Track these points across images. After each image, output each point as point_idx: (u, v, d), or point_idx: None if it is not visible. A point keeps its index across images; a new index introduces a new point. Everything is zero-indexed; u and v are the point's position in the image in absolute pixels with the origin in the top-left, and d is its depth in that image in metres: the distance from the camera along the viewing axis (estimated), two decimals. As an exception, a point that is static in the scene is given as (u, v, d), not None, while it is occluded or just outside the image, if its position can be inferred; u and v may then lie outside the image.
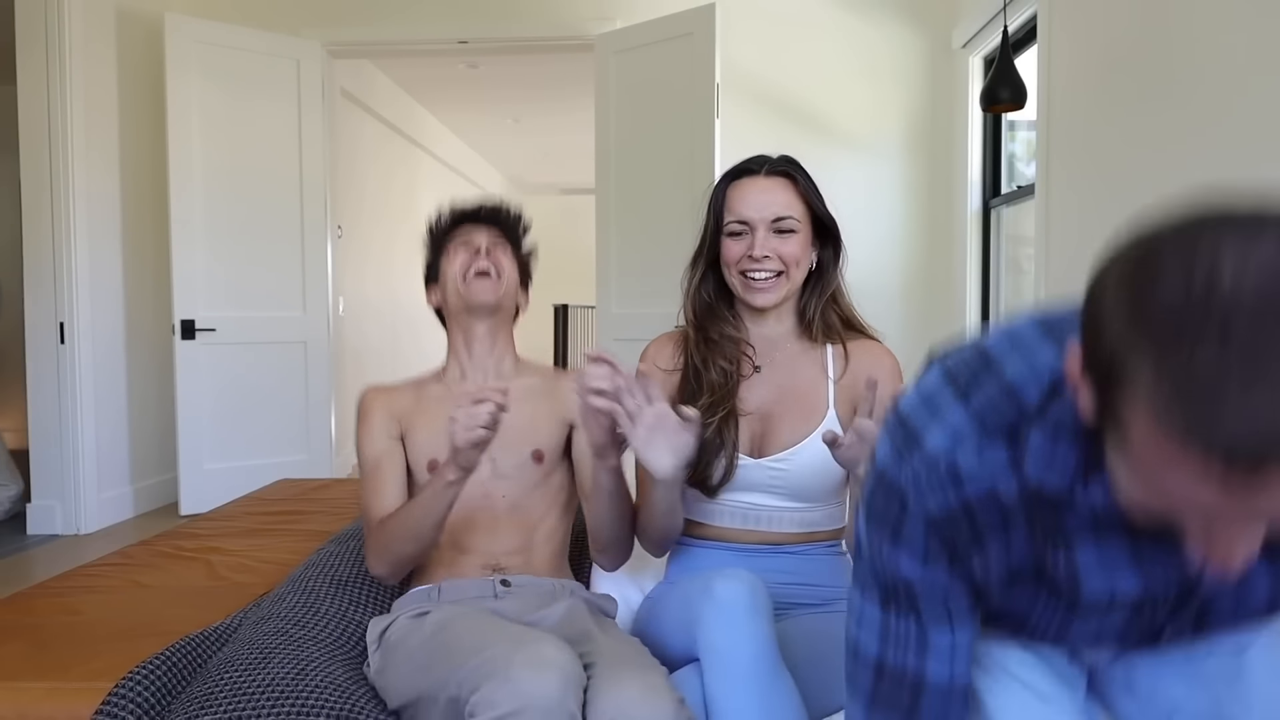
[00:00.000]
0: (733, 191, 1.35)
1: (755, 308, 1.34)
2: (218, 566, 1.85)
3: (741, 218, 1.32)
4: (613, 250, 4.12)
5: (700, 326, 1.37)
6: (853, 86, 4.33)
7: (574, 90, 6.45)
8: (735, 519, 1.32)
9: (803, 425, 1.30)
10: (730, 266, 1.33)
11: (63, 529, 3.69)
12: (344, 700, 1.17)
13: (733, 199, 1.34)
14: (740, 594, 1.03)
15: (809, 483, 1.29)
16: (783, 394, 1.33)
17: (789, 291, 1.33)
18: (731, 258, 1.32)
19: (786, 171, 1.35)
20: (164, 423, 4.13)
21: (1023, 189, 3.79)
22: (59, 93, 3.58)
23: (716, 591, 1.03)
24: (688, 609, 1.09)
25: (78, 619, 1.55)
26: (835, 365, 1.34)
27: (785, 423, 1.31)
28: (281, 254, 4.17)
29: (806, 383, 1.34)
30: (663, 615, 1.22)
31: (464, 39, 4.42)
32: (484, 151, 9.18)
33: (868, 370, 1.30)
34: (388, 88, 6.52)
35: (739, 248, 1.32)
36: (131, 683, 1.21)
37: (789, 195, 1.33)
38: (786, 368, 1.35)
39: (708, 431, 1.28)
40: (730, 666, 0.99)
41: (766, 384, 1.35)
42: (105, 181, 3.83)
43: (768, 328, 1.37)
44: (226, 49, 4.01)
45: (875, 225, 4.34)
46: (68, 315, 3.65)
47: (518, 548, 1.43)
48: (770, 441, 1.31)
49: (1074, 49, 3.12)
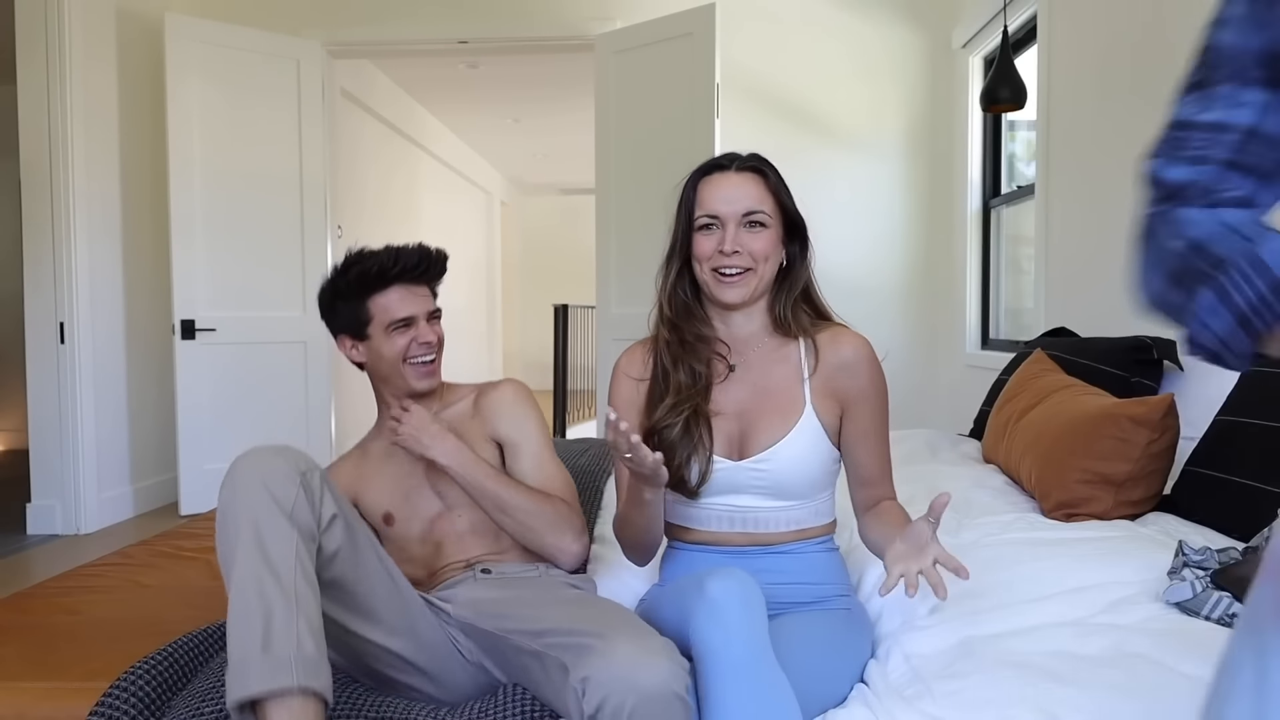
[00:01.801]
0: (704, 187, 1.35)
1: (725, 303, 1.34)
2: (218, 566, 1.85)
3: (712, 212, 1.32)
4: (613, 250, 4.12)
5: (675, 326, 1.37)
6: (853, 86, 4.34)
7: (574, 90, 6.45)
8: (724, 522, 1.33)
9: (780, 424, 1.31)
10: (702, 262, 1.33)
11: (62, 529, 3.69)
12: (341, 689, 1.18)
13: (703, 194, 1.34)
14: (732, 591, 1.03)
15: (792, 480, 1.30)
16: (758, 394, 1.34)
17: (759, 288, 1.33)
18: (703, 253, 1.32)
19: (756, 167, 1.36)
20: (164, 422, 4.13)
21: (1023, 189, 3.79)
22: (59, 93, 3.58)
23: (708, 589, 1.03)
24: (681, 608, 1.09)
25: (77, 619, 1.55)
26: (808, 361, 1.34)
27: (763, 423, 1.32)
28: (281, 254, 4.18)
29: (781, 381, 1.34)
30: (657, 617, 1.22)
31: (464, 39, 4.42)
32: (484, 152, 9.19)
33: (839, 361, 1.32)
34: (388, 88, 6.52)
35: (710, 243, 1.32)
36: (129, 680, 1.21)
37: (760, 190, 1.33)
38: (760, 367, 1.36)
39: (673, 432, 1.29)
40: (722, 664, 0.99)
41: (741, 384, 1.35)
42: (105, 181, 3.83)
43: (738, 326, 1.37)
44: (227, 49, 4.01)
45: (875, 225, 4.34)
46: (68, 315, 3.65)
47: (490, 550, 1.47)
48: (750, 443, 1.32)
49: (1074, 49, 3.12)
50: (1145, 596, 1.26)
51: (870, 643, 1.27)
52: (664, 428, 1.31)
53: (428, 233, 7.79)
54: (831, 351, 1.34)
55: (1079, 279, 3.07)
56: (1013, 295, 4.11)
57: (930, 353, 4.38)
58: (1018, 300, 4.05)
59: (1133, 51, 2.72)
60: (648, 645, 1.01)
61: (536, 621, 1.18)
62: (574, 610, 1.19)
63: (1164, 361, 2.04)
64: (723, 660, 1.00)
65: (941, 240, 4.37)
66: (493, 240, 10.22)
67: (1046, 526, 1.63)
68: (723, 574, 1.06)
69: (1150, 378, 2.04)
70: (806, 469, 1.30)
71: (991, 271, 4.17)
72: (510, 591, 1.37)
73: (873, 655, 1.25)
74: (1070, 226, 3.14)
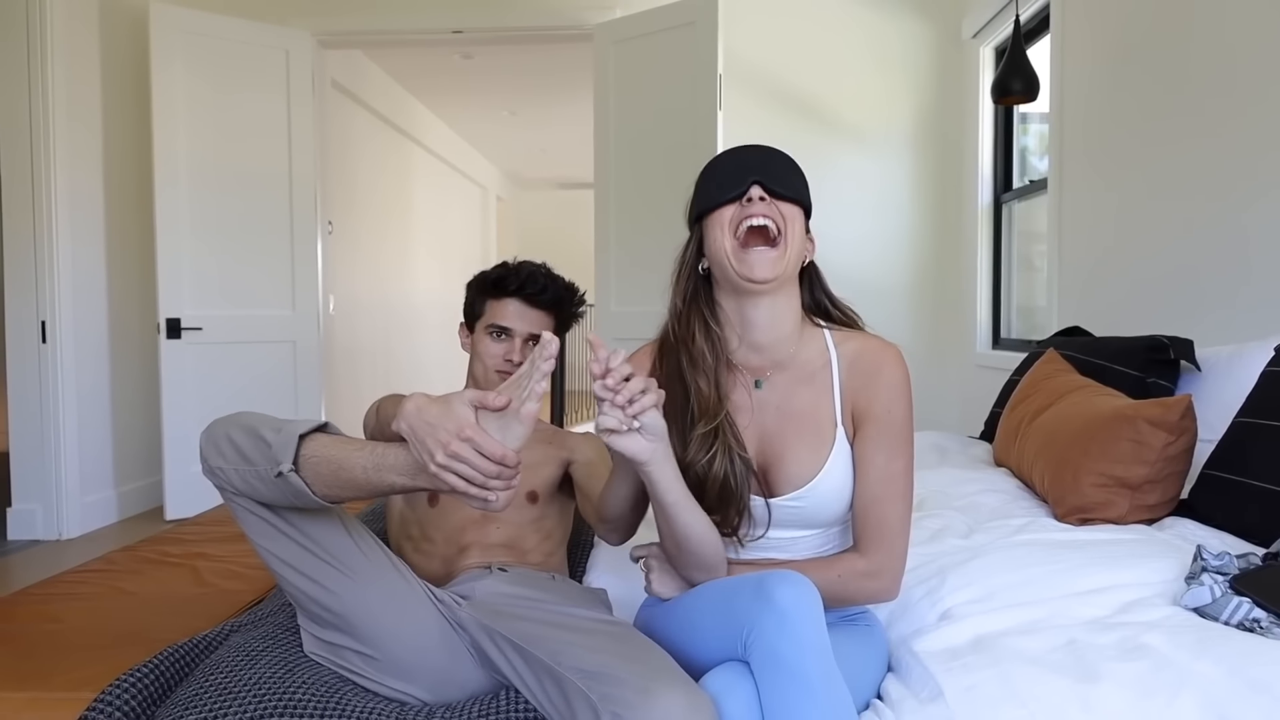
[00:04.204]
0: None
1: (754, 280, 1.22)
2: (205, 573, 1.85)
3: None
4: (612, 247, 4.12)
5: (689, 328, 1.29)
6: (859, 78, 4.34)
7: (572, 82, 6.46)
8: (744, 550, 1.29)
9: (811, 456, 1.23)
10: (724, 229, 1.23)
11: (44, 534, 3.69)
12: (332, 695, 1.18)
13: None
14: (804, 600, 1.00)
15: (828, 513, 1.25)
16: (783, 418, 1.26)
17: (786, 269, 1.24)
18: (727, 217, 1.24)
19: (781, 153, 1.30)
20: (149, 424, 4.13)
21: (1035, 184, 3.79)
22: (40, 84, 3.58)
23: (778, 599, 1.00)
24: (733, 611, 1.06)
25: (60, 627, 1.55)
26: (838, 372, 1.27)
27: (790, 455, 1.24)
28: (270, 251, 4.18)
29: (808, 403, 1.26)
30: (695, 615, 1.17)
31: (458, 28, 4.42)
32: (479, 145, 9.18)
33: (862, 368, 1.25)
34: (379, 79, 6.52)
35: (734, 210, 1.24)
36: (114, 693, 1.21)
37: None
38: (784, 388, 1.28)
39: (713, 467, 1.21)
40: (797, 678, 0.97)
41: (763, 408, 1.28)
42: (88, 175, 3.83)
43: (762, 331, 1.28)
44: (213, 39, 4.01)
45: (883, 221, 4.35)
46: (49, 313, 3.65)
47: (510, 561, 1.54)
48: (777, 476, 1.25)
49: (1088, 38, 3.12)
50: (1162, 600, 1.26)
51: (886, 656, 1.27)
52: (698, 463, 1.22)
53: (421, 230, 7.80)
54: (857, 358, 1.27)
55: (1093, 276, 3.07)
56: (1025, 293, 4.11)
57: (939, 352, 4.38)
58: (1030, 298, 4.05)
59: (1149, 40, 2.72)
60: (693, 702, 0.99)
61: (561, 641, 1.18)
62: (604, 642, 1.18)
63: (1181, 361, 2.04)
64: (797, 674, 0.98)
65: (951, 236, 4.37)
66: (488, 236, 10.21)
67: (1060, 530, 1.63)
68: (789, 580, 1.03)
69: (1167, 378, 2.04)
70: (844, 499, 1.24)
71: (1003, 269, 4.17)
72: (530, 591, 1.40)
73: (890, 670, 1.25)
74: (1084, 222, 3.14)
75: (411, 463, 1.08)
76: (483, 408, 1.06)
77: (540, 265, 1.66)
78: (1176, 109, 2.57)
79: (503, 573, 1.46)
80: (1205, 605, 1.20)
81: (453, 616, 1.31)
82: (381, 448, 1.11)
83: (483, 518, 1.55)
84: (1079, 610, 1.24)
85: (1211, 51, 2.42)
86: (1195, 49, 2.49)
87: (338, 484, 1.11)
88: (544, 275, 1.64)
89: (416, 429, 1.06)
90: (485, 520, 1.55)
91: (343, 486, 1.11)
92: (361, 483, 1.10)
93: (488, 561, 1.51)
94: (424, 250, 7.91)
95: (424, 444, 1.04)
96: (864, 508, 1.22)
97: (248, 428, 1.15)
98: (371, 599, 1.24)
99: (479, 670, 1.29)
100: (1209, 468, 1.73)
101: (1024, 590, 1.31)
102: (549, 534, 1.61)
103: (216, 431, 1.17)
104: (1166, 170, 2.62)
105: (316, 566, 1.22)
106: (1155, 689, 1.00)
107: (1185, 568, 1.34)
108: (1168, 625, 1.16)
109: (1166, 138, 2.63)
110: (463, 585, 1.43)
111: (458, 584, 1.45)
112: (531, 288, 1.61)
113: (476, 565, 1.51)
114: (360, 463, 1.10)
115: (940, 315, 4.41)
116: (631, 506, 1.35)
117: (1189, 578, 1.29)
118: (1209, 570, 1.28)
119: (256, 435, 1.13)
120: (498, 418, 1.06)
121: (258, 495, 1.16)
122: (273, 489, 1.13)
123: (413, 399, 1.09)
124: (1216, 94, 2.39)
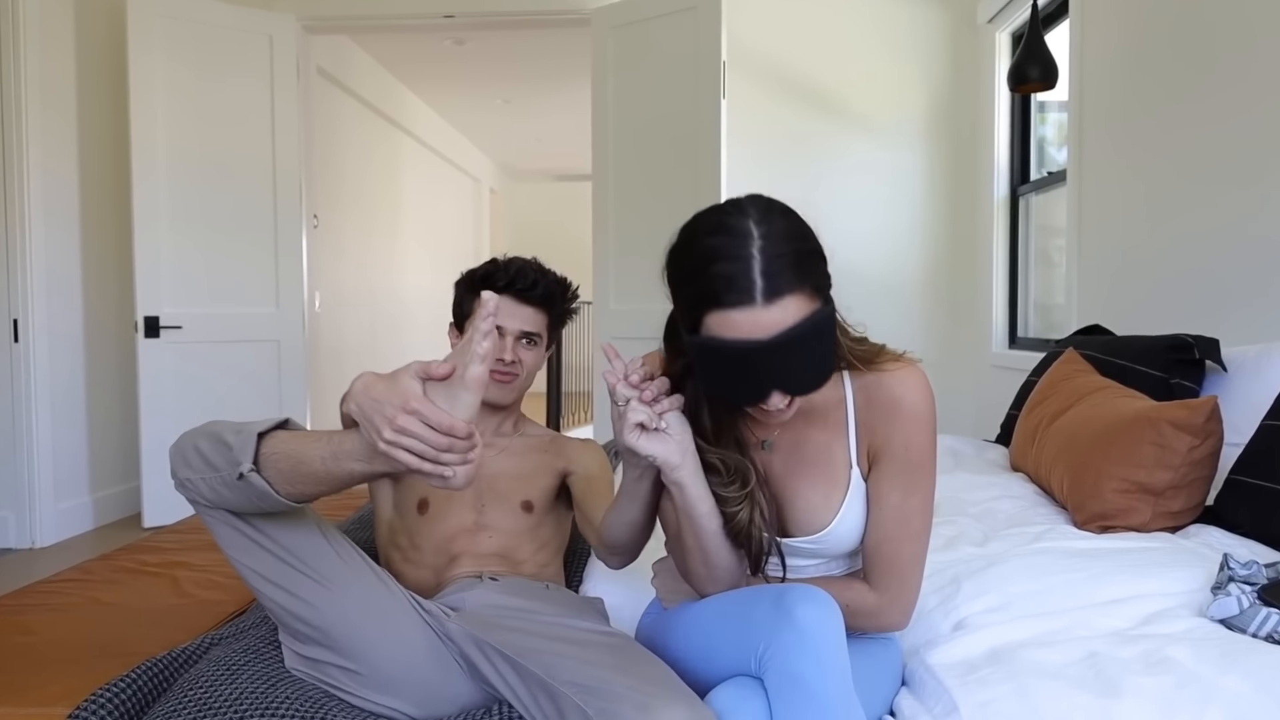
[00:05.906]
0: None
1: None
2: (184, 583, 1.85)
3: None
4: (610, 242, 4.12)
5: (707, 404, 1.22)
6: (870, 65, 4.34)
7: (569, 69, 6.46)
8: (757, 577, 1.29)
9: (824, 502, 1.21)
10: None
11: (16, 542, 3.69)
12: (316, 711, 1.18)
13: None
14: (825, 619, 1.01)
15: (844, 549, 1.25)
16: (795, 461, 1.24)
17: None
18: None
19: (786, 282, 1.03)
20: (126, 427, 4.13)
21: (1053, 175, 3.79)
22: (11, 70, 3.58)
23: (798, 616, 1.00)
24: (748, 624, 1.06)
25: (33, 639, 1.54)
26: (853, 407, 1.21)
27: (801, 503, 1.23)
28: (253, 245, 4.18)
29: (820, 446, 1.23)
30: (705, 625, 1.17)
31: (450, 13, 4.43)
32: (471, 135, 9.19)
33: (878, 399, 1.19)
34: (368, 66, 6.53)
35: None
36: (90, 708, 1.21)
37: (794, 309, 1.05)
38: (792, 429, 1.23)
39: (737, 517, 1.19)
40: (816, 698, 0.98)
41: (772, 451, 1.26)
42: (63, 166, 3.83)
43: None
44: (194, 23, 4.01)
45: (894, 214, 4.35)
46: (22, 311, 3.65)
47: (503, 571, 1.54)
48: (790, 519, 1.24)
49: (1109, 24, 3.12)
50: (1186, 610, 1.26)
51: (900, 671, 1.27)
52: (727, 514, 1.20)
53: (410, 222, 7.80)
54: (875, 393, 1.20)
55: (1114, 272, 3.07)
56: (1042, 290, 4.12)
57: (954, 352, 4.38)
58: (1048, 295, 4.06)
59: (1172, 27, 2.72)
60: (696, 718, 1.00)
61: (556, 654, 1.18)
62: (601, 655, 1.18)
63: (1206, 361, 2.04)
64: (815, 695, 0.98)
65: (966, 231, 4.37)
66: (481, 230, 10.22)
67: (1080, 537, 1.63)
68: (811, 598, 1.03)
69: (1191, 379, 2.04)
70: (859, 536, 1.23)
71: (1020, 264, 4.17)
72: (522, 601, 1.40)
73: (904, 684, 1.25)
74: (1105, 215, 3.14)
75: (365, 446, 1.06)
76: (429, 379, 1.05)
77: (530, 260, 1.67)
78: (1202, 95, 2.57)
79: (494, 582, 1.46)
80: (1232, 616, 1.20)
81: (440, 628, 1.31)
82: (338, 436, 1.10)
83: (474, 526, 1.55)
84: (1100, 621, 1.24)
85: (1238, 37, 2.41)
86: (1221, 34, 2.49)
87: (299, 479, 1.10)
88: (534, 270, 1.64)
89: (364, 407, 1.05)
90: (477, 529, 1.55)
91: (304, 481, 1.10)
92: (322, 475, 1.10)
93: (479, 571, 1.51)
94: (413, 245, 7.92)
95: (371, 421, 1.03)
96: (875, 545, 1.20)
97: (212, 434, 1.16)
98: (351, 610, 1.24)
99: (469, 684, 1.29)
100: (1235, 472, 1.73)
101: (1042, 600, 1.31)
102: (544, 543, 1.61)
103: (184, 442, 1.18)
104: (1191, 162, 2.62)
105: (293, 578, 1.22)
106: (1180, 705, 1.00)
107: (1211, 577, 1.34)
108: (1193, 637, 1.16)
109: (1191, 127, 2.63)
110: (452, 595, 1.43)
111: (447, 594, 1.45)
112: (521, 283, 1.61)
113: (467, 575, 1.51)
114: (318, 454, 1.09)
115: (955, 313, 4.41)
116: (640, 530, 1.33)
117: (1215, 588, 1.29)
118: (1236, 580, 1.28)
119: (219, 440, 1.14)
120: (445, 387, 1.05)
121: (226, 504, 1.17)
122: (237, 493, 1.13)
123: (361, 378, 1.09)
124: (1243, 81, 2.39)
